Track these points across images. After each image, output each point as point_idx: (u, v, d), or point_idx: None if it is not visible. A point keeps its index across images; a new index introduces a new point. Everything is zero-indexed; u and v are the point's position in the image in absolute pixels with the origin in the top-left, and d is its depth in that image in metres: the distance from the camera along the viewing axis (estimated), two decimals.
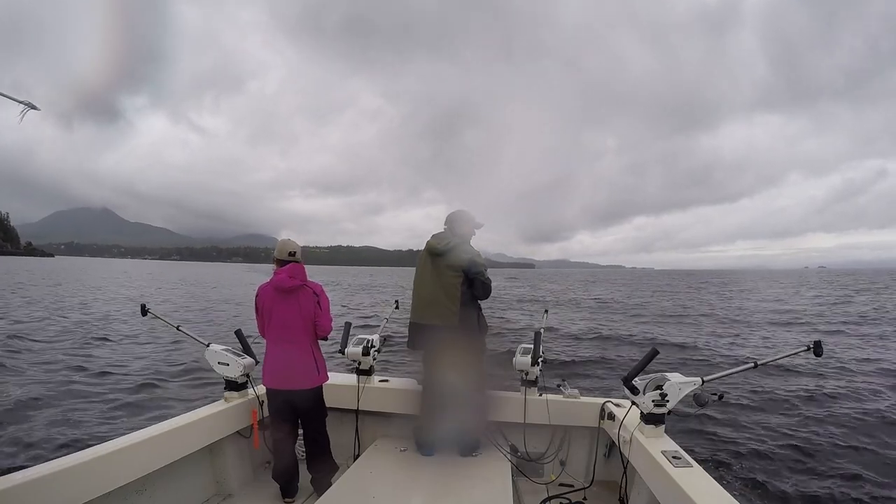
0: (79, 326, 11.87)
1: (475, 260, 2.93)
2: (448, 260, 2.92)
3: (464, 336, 2.93)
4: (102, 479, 2.07)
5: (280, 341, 2.75)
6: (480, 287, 2.97)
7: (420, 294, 2.98)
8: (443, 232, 3.06)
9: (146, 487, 2.37)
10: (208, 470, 2.84)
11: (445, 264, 2.92)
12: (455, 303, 2.91)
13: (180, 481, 2.61)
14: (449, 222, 3.08)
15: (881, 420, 5.13)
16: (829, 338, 11.12)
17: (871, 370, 7.42)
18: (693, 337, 11.01)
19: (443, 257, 2.93)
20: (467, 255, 2.94)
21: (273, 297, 2.77)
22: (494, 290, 3.03)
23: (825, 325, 14.16)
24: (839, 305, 21.15)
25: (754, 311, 18.19)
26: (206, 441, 2.70)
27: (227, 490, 2.87)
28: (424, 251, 3.02)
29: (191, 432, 2.59)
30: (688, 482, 1.94)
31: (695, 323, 14.51)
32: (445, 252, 2.93)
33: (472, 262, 2.92)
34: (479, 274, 2.94)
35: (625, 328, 12.55)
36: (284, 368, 2.73)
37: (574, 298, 25.84)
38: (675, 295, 29.91)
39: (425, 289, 2.96)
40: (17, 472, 1.88)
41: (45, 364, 7.73)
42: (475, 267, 2.93)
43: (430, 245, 2.98)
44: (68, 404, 5.65)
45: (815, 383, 6.44)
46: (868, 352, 9.36)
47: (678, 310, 19.14)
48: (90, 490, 2.01)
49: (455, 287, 2.91)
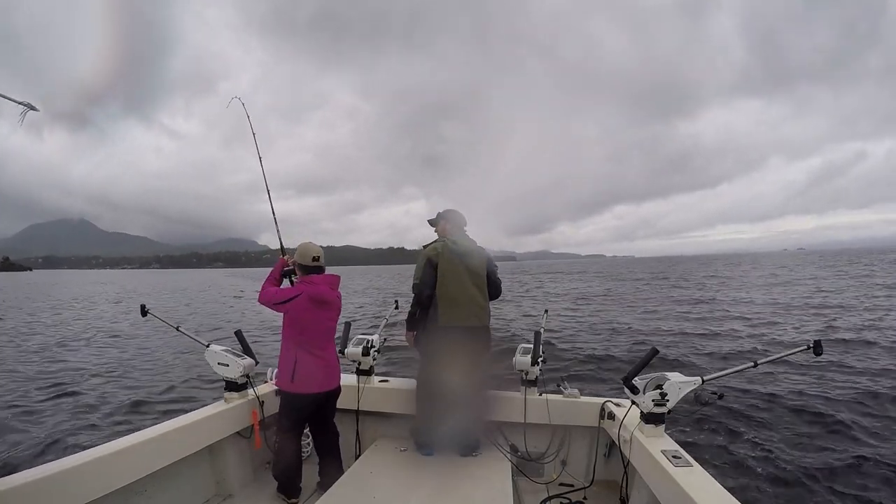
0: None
1: (492, 259, 2.98)
2: (476, 259, 2.93)
3: (489, 335, 3.00)
4: (103, 480, 2.07)
5: (316, 349, 2.72)
6: (496, 286, 3.01)
7: (455, 295, 2.89)
8: (455, 230, 3.04)
9: (146, 488, 2.37)
10: (208, 471, 2.84)
11: (474, 263, 2.92)
12: (487, 302, 2.96)
13: (180, 482, 2.61)
14: (449, 220, 3.06)
15: (888, 418, 5.12)
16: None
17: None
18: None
19: (471, 257, 2.93)
20: (487, 254, 2.98)
21: (307, 306, 2.65)
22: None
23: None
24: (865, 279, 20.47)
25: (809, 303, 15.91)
26: (207, 442, 2.70)
27: (227, 491, 2.86)
28: (447, 250, 2.92)
29: (191, 433, 2.59)
30: (688, 482, 1.94)
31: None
32: (472, 252, 2.94)
33: (490, 262, 2.97)
34: (495, 273, 2.99)
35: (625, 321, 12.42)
36: (324, 375, 2.74)
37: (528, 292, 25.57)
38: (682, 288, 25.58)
39: (461, 290, 2.89)
40: (17, 473, 1.88)
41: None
42: (493, 266, 2.98)
43: (460, 246, 2.94)
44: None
45: (816, 382, 6.44)
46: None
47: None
48: (91, 491, 2.01)
49: (485, 287, 2.95)
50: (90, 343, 11.00)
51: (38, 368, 8.19)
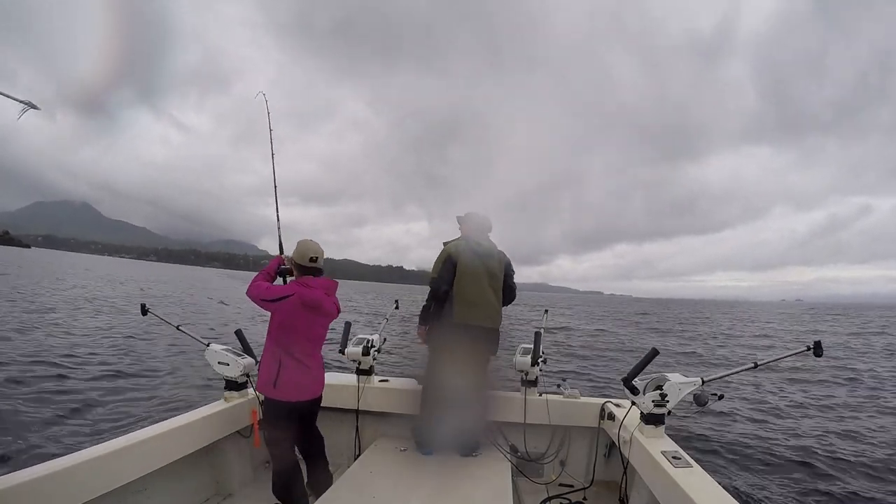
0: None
1: (510, 264, 3.00)
2: (495, 262, 2.95)
3: (499, 337, 3.01)
4: (102, 479, 2.07)
5: (303, 355, 2.55)
6: (511, 291, 3.03)
7: (472, 294, 2.88)
8: (479, 232, 3.05)
9: (146, 487, 2.37)
10: (208, 470, 2.84)
11: (493, 266, 2.94)
12: (501, 305, 2.97)
13: (180, 481, 2.61)
14: (475, 222, 3.06)
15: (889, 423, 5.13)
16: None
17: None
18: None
19: (492, 259, 2.94)
20: (506, 258, 3.00)
21: (298, 310, 2.45)
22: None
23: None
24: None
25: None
26: (206, 441, 2.70)
27: (226, 490, 2.86)
28: (468, 249, 2.92)
29: (190, 432, 2.59)
30: (688, 482, 1.94)
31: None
32: (493, 255, 2.96)
33: (509, 266, 3.00)
34: (511, 277, 3.01)
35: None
36: (310, 381, 2.58)
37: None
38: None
39: (478, 290, 2.89)
40: (16, 472, 1.88)
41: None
42: (511, 270, 3.00)
43: (483, 247, 2.95)
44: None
45: (816, 384, 6.44)
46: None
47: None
48: (90, 490, 2.01)
49: (500, 290, 2.96)
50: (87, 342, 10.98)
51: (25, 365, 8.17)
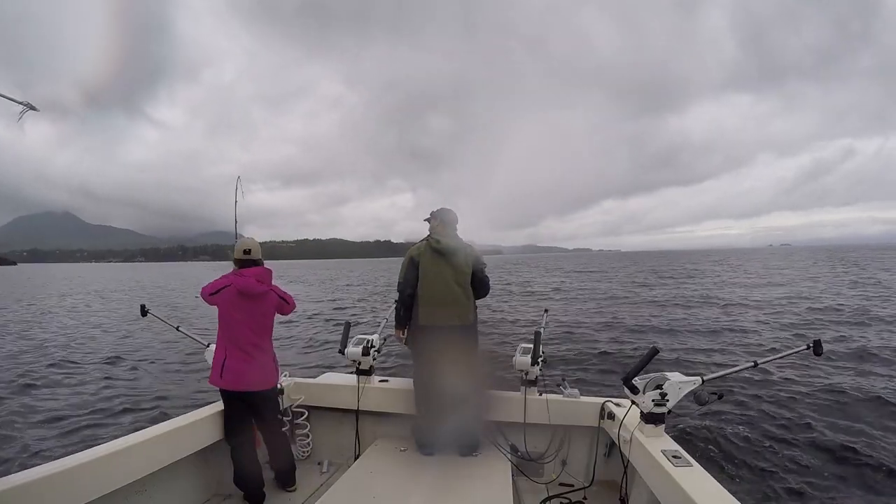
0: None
1: (479, 257, 2.95)
2: (460, 258, 2.91)
3: (475, 334, 2.97)
4: (102, 480, 2.07)
5: (248, 345, 2.68)
6: (483, 284, 2.98)
7: (434, 295, 2.89)
8: (443, 228, 3.03)
9: (146, 488, 2.37)
10: (208, 470, 2.84)
11: (459, 262, 2.90)
12: (471, 301, 2.94)
13: (180, 482, 2.61)
14: (440, 218, 3.05)
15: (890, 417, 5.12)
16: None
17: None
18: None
19: (455, 255, 2.91)
20: (474, 252, 2.96)
21: (235, 300, 2.65)
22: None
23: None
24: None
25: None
26: (206, 441, 2.71)
27: (226, 490, 2.86)
28: (429, 249, 2.95)
29: (190, 432, 2.60)
30: (688, 482, 1.94)
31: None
32: (457, 250, 2.92)
33: (478, 260, 2.94)
34: (482, 271, 2.96)
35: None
36: (248, 371, 2.67)
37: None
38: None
39: (442, 289, 2.88)
40: (16, 473, 1.88)
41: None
42: (480, 264, 2.95)
43: (442, 244, 2.93)
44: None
45: (817, 381, 6.44)
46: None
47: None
48: (89, 491, 2.01)
49: (469, 285, 2.92)
50: (85, 341, 11.00)
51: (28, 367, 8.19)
